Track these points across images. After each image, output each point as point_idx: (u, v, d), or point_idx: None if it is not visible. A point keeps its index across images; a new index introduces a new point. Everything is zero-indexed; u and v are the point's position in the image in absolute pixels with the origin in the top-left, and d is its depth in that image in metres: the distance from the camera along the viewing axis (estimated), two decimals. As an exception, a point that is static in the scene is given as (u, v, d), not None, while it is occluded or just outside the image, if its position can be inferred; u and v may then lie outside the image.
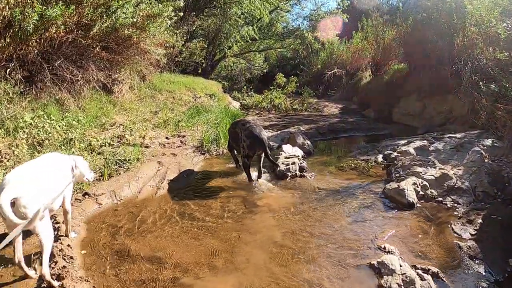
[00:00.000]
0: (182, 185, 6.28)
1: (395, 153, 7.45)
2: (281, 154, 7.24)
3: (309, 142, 8.54)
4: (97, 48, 9.02)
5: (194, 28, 15.63)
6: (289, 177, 6.53)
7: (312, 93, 16.16)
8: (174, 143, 8.44)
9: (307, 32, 21.16)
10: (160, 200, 5.64)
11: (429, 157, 6.83)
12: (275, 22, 21.36)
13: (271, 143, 8.72)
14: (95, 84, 9.52)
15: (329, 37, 15.54)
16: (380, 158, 7.82)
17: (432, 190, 5.69)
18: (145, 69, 12.22)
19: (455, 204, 5.43)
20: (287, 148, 7.68)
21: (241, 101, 16.78)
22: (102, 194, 5.59)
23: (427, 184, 5.74)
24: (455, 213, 5.17)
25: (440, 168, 6.13)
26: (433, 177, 5.89)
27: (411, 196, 5.35)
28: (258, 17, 18.63)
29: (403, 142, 8.50)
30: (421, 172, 6.01)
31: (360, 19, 18.72)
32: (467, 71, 10.64)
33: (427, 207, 5.36)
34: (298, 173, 6.65)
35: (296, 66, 23.66)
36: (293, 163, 6.71)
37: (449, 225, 4.79)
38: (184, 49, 14.84)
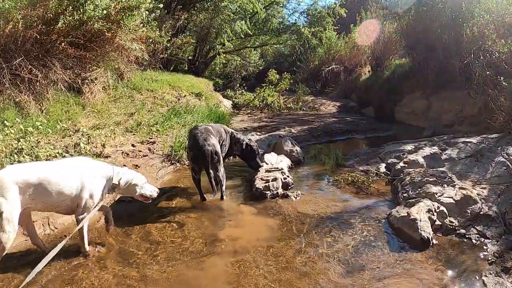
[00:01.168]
0: (134, 209, 4.83)
1: (401, 163, 5.96)
2: (262, 166, 5.76)
3: (298, 149, 7.04)
4: (63, 44, 7.72)
5: (181, 22, 14.13)
6: (268, 197, 5.05)
7: (307, 90, 14.62)
8: (140, 151, 7.00)
9: (304, 27, 19.52)
10: (101, 232, 4.20)
11: (444, 170, 5.32)
12: (270, 17, 19.76)
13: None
14: (61, 85, 8.13)
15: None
16: (382, 168, 6.32)
17: (452, 219, 4.21)
18: (123, 67, 10.77)
19: (482, 239, 3.96)
20: (270, 158, 6.20)
21: (233, 99, 15.28)
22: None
23: (444, 210, 4.26)
24: (484, 253, 3.70)
25: (460, 188, 4.63)
26: (452, 200, 4.40)
27: (426, 230, 3.86)
28: (251, 11, 17.05)
29: (409, 147, 6.99)
30: (436, 193, 4.52)
31: (358, 12, 17.13)
32: (479, 65, 9.11)
33: (447, 244, 3.88)
34: (280, 191, 5.17)
35: (294, 63, 22.05)
36: (275, 179, 5.23)
37: (478, 277, 3.31)
38: (169, 45, 13.33)
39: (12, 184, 2.92)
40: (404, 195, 4.81)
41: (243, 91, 15.67)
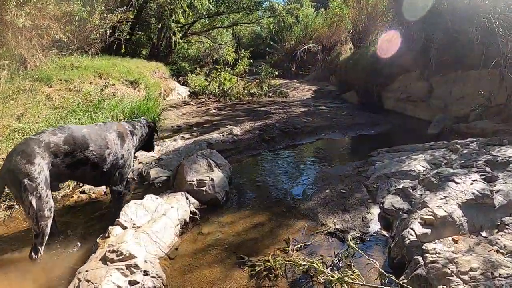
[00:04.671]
0: None
1: (416, 226, 2.42)
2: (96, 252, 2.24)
3: (217, 177, 3.51)
4: None
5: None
6: None
7: (273, 71, 10.80)
8: None
9: (277, 3, 15.80)
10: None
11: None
12: (241, -8, 15.91)
13: (153, 172, 3.87)
14: None
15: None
16: (374, 220, 2.88)
17: None
18: (26, 52, 7.26)
19: None
20: (140, 211, 2.69)
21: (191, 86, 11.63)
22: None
23: None
24: None
25: None
26: None
27: None
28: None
29: (419, 166, 3.53)
30: None
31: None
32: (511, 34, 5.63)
33: None
34: None
35: (271, 45, 18.29)
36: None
37: None
38: (98, 22, 9.56)
39: None
40: None
41: (195, 75, 11.91)
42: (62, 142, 2.56)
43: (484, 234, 2.42)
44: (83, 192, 3.71)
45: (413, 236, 2.31)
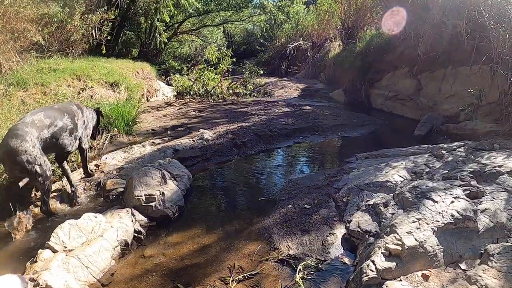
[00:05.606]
0: None
1: (379, 258, 1.99)
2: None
3: (170, 190, 3.11)
4: None
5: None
6: None
7: (258, 70, 10.23)
8: None
9: (267, 0, 15.26)
10: None
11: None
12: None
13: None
14: None
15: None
16: (337, 244, 2.46)
17: None
18: (3, 57, 6.78)
19: None
20: (63, 237, 2.30)
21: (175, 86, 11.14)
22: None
23: None
24: None
25: None
26: None
27: None
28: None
29: (397, 176, 3.14)
30: None
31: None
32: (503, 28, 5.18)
33: None
34: None
35: (262, 43, 17.79)
36: None
37: None
38: (79, 24, 9.07)
39: None
40: None
41: (180, 75, 11.44)
42: (43, 117, 3.01)
43: (463, 266, 1.99)
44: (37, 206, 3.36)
45: (373, 271, 1.88)
